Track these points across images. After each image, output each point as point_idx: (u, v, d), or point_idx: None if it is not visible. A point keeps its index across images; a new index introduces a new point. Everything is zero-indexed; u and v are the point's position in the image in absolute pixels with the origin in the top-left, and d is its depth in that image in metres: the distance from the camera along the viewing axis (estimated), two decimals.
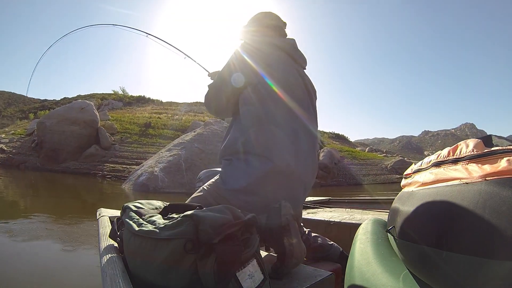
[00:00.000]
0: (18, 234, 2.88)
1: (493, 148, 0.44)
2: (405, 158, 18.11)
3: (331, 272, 0.80)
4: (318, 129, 1.12)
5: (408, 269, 0.54)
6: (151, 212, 0.74)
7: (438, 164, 0.53)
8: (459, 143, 0.50)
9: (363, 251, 0.68)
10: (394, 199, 0.66)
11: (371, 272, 0.59)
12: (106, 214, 1.28)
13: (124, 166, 11.80)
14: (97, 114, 14.59)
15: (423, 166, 0.59)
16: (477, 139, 0.48)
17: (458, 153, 0.49)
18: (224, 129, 10.35)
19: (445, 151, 0.53)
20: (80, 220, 3.81)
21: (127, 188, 7.87)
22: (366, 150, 22.69)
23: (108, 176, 10.74)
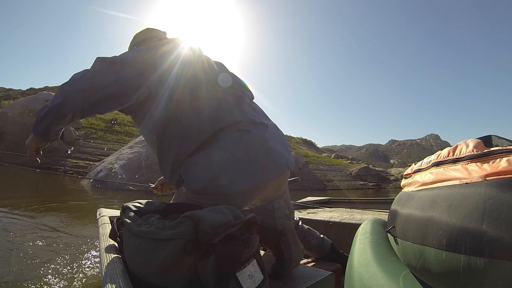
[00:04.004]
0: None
1: (493, 148, 0.44)
2: (370, 166, 18.44)
3: (331, 272, 0.80)
4: (287, 133, 1.01)
5: (408, 269, 0.54)
6: (151, 212, 0.74)
7: (438, 164, 0.53)
8: (459, 143, 0.50)
9: (362, 251, 0.68)
10: (394, 199, 0.66)
11: (371, 272, 0.59)
12: (106, 214, 1.28)
13: (87, 162, 11.52)
14: None
15: (423, 166, 0.58)
16: (477, 139, 0.48)
17: (458, 153, 0.49)
18: None
19: (445, 151, 0.52)
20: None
21: (86, 184, 7.66)
22: (332, 156, 23.13)
23: (70, 172, 10.40)
